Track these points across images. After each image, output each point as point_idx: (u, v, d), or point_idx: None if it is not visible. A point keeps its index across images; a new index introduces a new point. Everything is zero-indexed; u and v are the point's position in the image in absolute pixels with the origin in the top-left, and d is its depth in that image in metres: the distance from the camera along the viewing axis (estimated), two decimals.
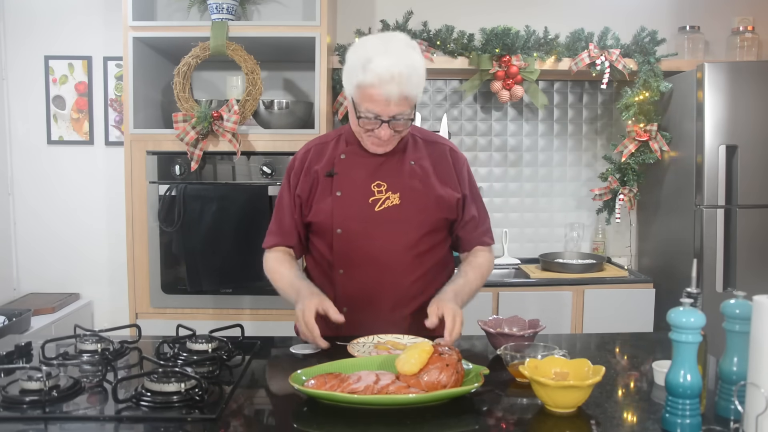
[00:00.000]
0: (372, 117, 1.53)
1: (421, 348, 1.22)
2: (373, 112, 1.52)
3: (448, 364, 1.19)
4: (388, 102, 1.50)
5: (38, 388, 1.18)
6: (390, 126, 1.54)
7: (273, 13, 3.13)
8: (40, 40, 3.15)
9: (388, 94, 1.48)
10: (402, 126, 1.56)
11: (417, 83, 1.52)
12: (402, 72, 1.47)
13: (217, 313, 2.70)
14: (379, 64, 1.47)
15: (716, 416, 1.12)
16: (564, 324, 2.82)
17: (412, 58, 1.51)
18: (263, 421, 1.16)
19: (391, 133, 1.56)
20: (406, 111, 1.54)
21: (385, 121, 1.53)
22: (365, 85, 1.50)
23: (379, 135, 1.56)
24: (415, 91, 1.52)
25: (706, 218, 2.69)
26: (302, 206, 1.69)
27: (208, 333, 1.51)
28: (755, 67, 2.73)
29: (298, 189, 1.68)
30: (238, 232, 2.64)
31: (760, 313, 0.99)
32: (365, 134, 1.60)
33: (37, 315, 2.83)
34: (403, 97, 1.50)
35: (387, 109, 1.51)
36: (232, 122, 2.56)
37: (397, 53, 1.49)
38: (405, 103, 1.52)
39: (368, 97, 1.51)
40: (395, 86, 1.47)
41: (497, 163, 3.33)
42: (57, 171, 3.19)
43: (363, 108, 1.53)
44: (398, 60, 1.48)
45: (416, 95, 1.54)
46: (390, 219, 1.63)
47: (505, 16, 3.10)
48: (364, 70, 1.49)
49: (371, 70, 1.47)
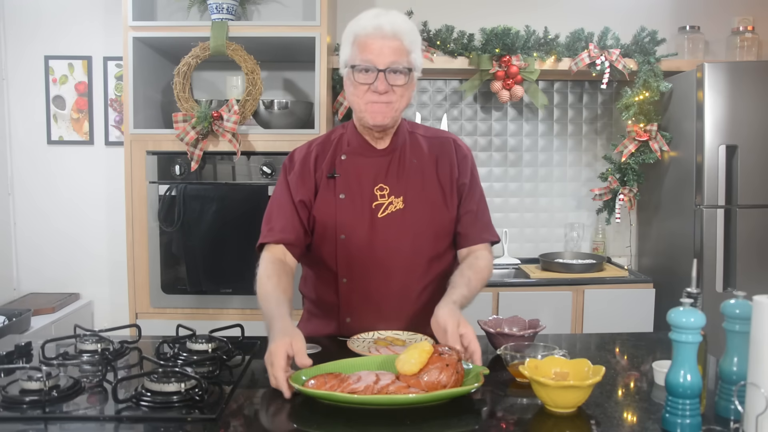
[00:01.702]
0: (368, 65, 1.51)
1: (421, 348, 1.22)
2: (368, 60, 1.51)
3: (448, 364, 1.19)
4: (382, 47, 1.50)
5: (38, 388, 1.18)
6: (386, 78, 1.51)
7: (273, 13, 3.13)
8: (40, 40, 3.15)
9: (383, 35, 1.50)
10: (399, 81, 1.53)
11: (411, 34, 1.54)
12: (395, 20, 1.52)
13: (217, 313, 2.70)
14: (373, 13, 1.54)
15: (716, 416, 1.12)
16: (564, 324, 2.82)
17: (406, 18, 1.57)
18: (263, 421, 1.16)
19: (388, 86, 1.52)
20: (402, 61, 1.52)
21: (381, 71, 1.50)
22: (361, 35, 1.52)
23: (377, 87, 1.51)
24: (409, 39, 1.53)
25: (706, 218, 2.70)
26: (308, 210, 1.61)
27: (208, 333, 1.50)
28: (755, 67, 2.73)
29: (302, 194, 1.61)
30: (238, 232, 2.64)
31: (760, 313, 0.99)
32: (362, 100, 1.54)
33: (37, 315, 2.83)
34: (397, 42, 1.51)
35: (381, 56, 1.50)
36: (232, 122, 2.56)
37: (391, 11, 1.56)
38: (401, 52, 1.52)
39: (363, 46, 1.52)
40: (389, 27, 1.50)
41: (497, 163, 3.33)
42: (57, 171, 3.20)
43: (358, 60, 1.52)
44: (393, 14, 1.54)
45: (411, 48, 1.54)
46: (394, 225, 1.58)
47: (505, 16, 3.10)
48: (359, 23, 1.54)
49: (367, 18, 1.53)
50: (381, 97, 1.52)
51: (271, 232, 1.61)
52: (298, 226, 1.60)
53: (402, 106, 1.58)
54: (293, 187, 1.62)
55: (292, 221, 1.60)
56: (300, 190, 1.61)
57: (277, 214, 1.62)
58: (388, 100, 1.54)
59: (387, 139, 1.64)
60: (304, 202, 1.61)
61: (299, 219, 1.61)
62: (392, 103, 1.54)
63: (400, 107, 1.57)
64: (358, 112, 1.59)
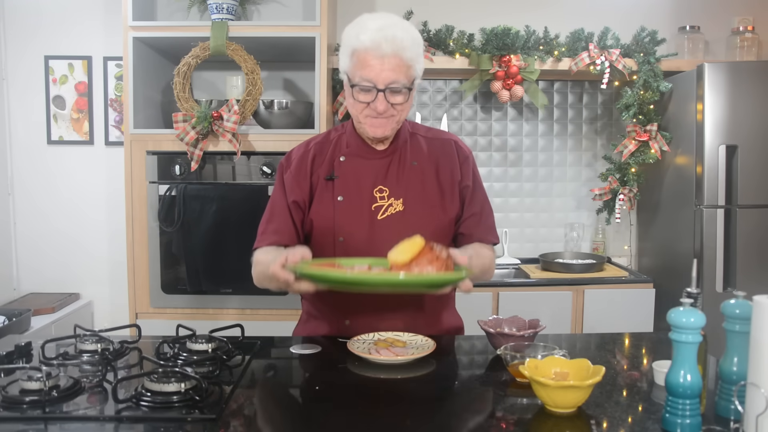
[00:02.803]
0: (367, 85, 1.48)
1: (413, 241, 1.29)
2: (367, 79, 1.48)
3: (438, 257, 1.24)
4: (382, 65, 1.46)
5: (38, 388, 1.18)
6: (386, 97, 1.49)
7: (273, 13, 3.13)
8: (40, 40, 3.15)
9: (382, 54, 1.45)
10: (399, 99, 1.51)
11: (412, 48, 1.49)
12: (396, 34, 1.46)
13: (217, 313, 2.70)
14: (372, 27, 1.47)
15: (716, 416, 1.12)
16: (564, 324, 2.82)
17: (407, 26, 1.51)
18: (263, 421, 1.16)
19: (388, 105, 1.50)
20: (401, 79, 1.48)
21: (380, 90, 1.48)
22: (359, 50, 1.47)
23: (376, 107, 1.49)
24: (409, 54, 1.48)
25: (706, 218, 2.69)
26: (302, 211, 1.62)
27: (208, 333, 1.50)
28: (755, 67, 2.73)
29: (296, 194, 1.60)
30: (238, 232, 2.64)
31: (760, 313, 0.99)
32: (362, 114, 1.53)
33: (37, 315, 2.83)
34: (397, 59, 1.46)
35: (381, 74, 1.46)
36: (232, 122, 2.56)
37: (391, 18, 1.50)
38: (400, 70, 1.47)
39: (363, 63, 1.47)
40: (389, 45, 1.45)
41: (497, 163, 3.33)
42: (57, 171, 3.20)
43: (358, 77, 1.49)
44: (393, 23, 1.48)
45: (411, 62, 1.49)
46: (394, 227, 1.56)
47: (505, 16, 3.10)
48: (357, 37, 1.48)
49: (365, 32, 1.47)
50: (380, 114, 1.52)
51: (264, 235, 1.62)
52: (291, 227, 1.61)
53: (403, 117, 1.58)
54: (288, 187, 1.62)
55: (285, 223, 1.61)
56: (294, 190, 1.61)
57: (270, 216, 1.63)
58: (388, 116, 1.53)
59: (387, 141, 1.63)
60: (298, 203, 1.61)
61: (292, 220, 1.61)
62: (393, 117, 1.54)
63: (400, 119, 1.57)
64: (357, 122, 1.58)
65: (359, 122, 1.56)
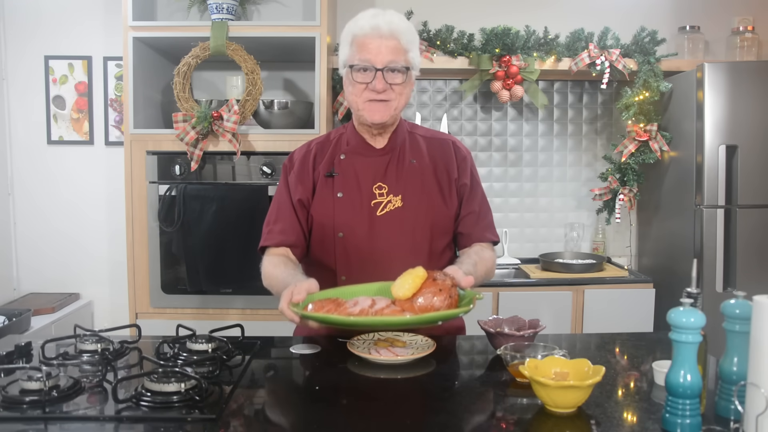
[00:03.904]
0: (366, 65, 1.54)
1: (415, 273, 1.25)
2: (366, 60, 1.54)
3: (441, 288, 1.21)
4: (380, 46, 1.53)
5: (38, 388, 1.18)
6: (384, 77, 1.54)
7: (273, 13, 3.13)
8: (40, 40, 3.15)
9: (380, 35, 1.53)
10: (397, 80, 1.55)
11: (408, 33, 1.57)
12: (392, 20, 1.55)
13: (217, 313, 2.70)
14: (371, 14, 1.58)
15: (716, 416, 1.12)
16: (564, 324, 2.82)
17: (403, 18, 1.60)
18: (263, 421, 1.16)
19: (386, 85, 1.55)
20: (399, 60, 1.55)
21: (378, 69, 1.54)
22: (359, 35, 1.56)
23: (375, 86, 1.54)
24: (406, 38, 1.56)
25: (706, 218, 2.70)
26: (307, 209, 1.64)
27: (208, 333, 1.50)
28: (755, 67, 2.73)
29: (300, 192, 1.64)
30: (238, 232, 2.64)
31: (760, 313, 0.99)
32: (361, 99, 1.57)
33: (37, 315, 2.83)
34: (395, 41, 1.54)
35: (379, 55, 1.53)
36: (232, 122, 2.56)
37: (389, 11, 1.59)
38: (398, 52, 1.55)
39: (362, 46, 1.55)
40: (387, 27, 1.53)
41: (497, 163, 3.33)
42: (57, 171, 3.20)
43: (357, 60, 1.55)
44: (390, 13, 1.58)
45: (408, 48, 1.56)
46: (393, 223, 1.60)
47: (505, 16, 3.10)
48: (357, 23, 1.57)
49: (364, 19, 1.57)
50: (379, 95, 1.56)
51: (271, 234, 1.65)
52: (298, 226, 1.64)
53: (401, 105, 1.61)
54: (292, 187, 1.66)
55: (291, 223, 1.64)
56: (298, 188, 1.65)
57: (277, 216, 1.66)
58: (387, 98, 1.57)
59: (386, 136, 1.66)
60: (302, 202, 1.64)
61: (298, 220, 1.64)
62: (390, 101, 1.57)
63: (398, 106, 1.60)
64: (357, 111, 1.61)
65: (358, 110, 1.60)
